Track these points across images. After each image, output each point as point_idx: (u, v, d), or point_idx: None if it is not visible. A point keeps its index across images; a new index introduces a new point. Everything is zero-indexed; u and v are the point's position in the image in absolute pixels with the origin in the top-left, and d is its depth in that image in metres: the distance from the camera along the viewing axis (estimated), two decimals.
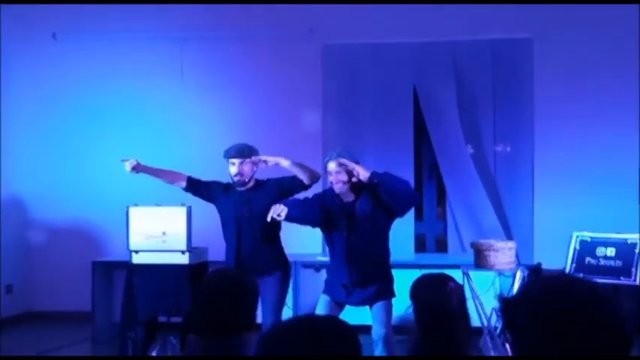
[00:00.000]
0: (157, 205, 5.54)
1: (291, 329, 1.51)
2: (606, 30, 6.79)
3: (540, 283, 1.38)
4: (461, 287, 2.84)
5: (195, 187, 5.02)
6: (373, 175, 4.32)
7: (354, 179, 4.42)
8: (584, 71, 6.83)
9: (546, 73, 6.85)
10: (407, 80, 7.04)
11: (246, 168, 4.83)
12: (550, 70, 6.85)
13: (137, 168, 4.92)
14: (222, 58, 7.31)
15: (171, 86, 7.27)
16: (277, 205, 4.40)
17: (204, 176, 5.09)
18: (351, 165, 4.39)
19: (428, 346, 2.68)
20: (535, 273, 5.63)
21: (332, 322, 1.57)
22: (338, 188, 4.46)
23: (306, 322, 1.56)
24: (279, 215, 4.36)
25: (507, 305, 1.39)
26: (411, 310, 2.78)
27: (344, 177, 4.43)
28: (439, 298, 2.70)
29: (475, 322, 5.54)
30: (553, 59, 6.84)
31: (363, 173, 4.35)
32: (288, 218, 4.43)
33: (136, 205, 5.57)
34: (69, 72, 7.46)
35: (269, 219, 4.39)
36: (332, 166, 4.46)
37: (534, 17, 6.84)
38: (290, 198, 4.74)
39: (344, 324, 1.56)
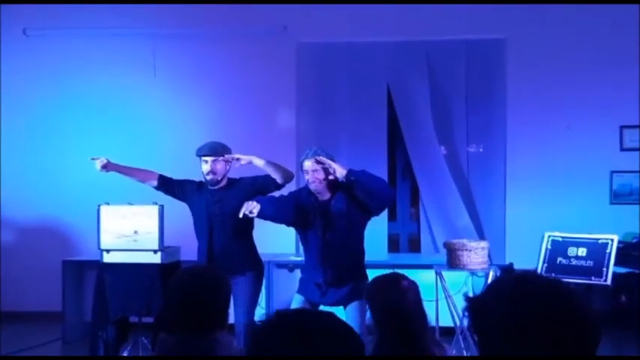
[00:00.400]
0: (129, 203, 5.48)
1: (291, 324, 1.46)
2: (578, 30, 6.86)
3: (508, 283, 1.37)
4: (415, 284, 2.84)
5: (167, 185, 4.94)
6: (350, 172, 4.29)
7: (330, 177, 4.39)
8: (557, 71, 6.89)
9: (519, 73, 6.90)
10: (381, 79, 7.05)
11: (219, 166, 4.78)
12: (523, 71, 6.91)
13: (107, 166, 4.86)
14: (195, 55, 7.27)
15: (144, 83, 7.20)
16: (250, 202, 4.34)
17: (177, 174, 5.03)
18: (328, 162, 4.36)
19: (387, 345, 2.68)
20: (507, 273, 5.65)
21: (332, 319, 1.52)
22: (314, 186, 4.41)
23: (302, 317, 1.52)
24: (251, 212, 4.31)
25: (474, 304, 1.37)
26: (369, 313, 2.79)
27: (321, 175, 4.39)
28: (394, 298, 2.71)
29: (448, 322, 5.59)
30: (526, 60, 6.90)
31: (339, 171, 4.31)
32: (261, 215, 4.37)
33: (107, 203, 5.50)
34: (39, 69, 7.35)
35: (241, 215, 4.33)
36: (308, 164, 4.41)
37: (507, 18, 6.89)
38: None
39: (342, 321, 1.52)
